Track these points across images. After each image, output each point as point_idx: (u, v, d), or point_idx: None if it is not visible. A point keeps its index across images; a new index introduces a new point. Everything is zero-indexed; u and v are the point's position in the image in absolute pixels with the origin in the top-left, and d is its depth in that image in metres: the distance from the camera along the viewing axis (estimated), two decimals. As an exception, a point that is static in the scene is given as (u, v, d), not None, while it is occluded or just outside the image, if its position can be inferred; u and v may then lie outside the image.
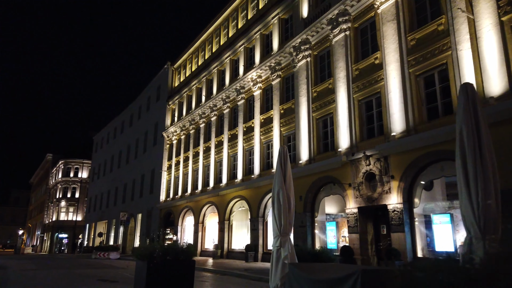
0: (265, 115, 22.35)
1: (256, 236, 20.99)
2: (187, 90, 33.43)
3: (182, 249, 8.49)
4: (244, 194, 22.80)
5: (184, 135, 33.06)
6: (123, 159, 47.81)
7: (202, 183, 28.60)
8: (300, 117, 18.87)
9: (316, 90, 18.34)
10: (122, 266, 19.69)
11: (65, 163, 70.28)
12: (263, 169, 21.85)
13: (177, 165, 33.54)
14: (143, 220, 38.18)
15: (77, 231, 65.06)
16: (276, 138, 20.83)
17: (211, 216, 27.62)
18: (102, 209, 51.53)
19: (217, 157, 27.14)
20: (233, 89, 25.61)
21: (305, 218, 17.50)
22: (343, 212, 17.28)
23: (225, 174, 25.51)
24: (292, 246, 7.83)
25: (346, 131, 15.90)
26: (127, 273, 14.84)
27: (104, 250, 28.90)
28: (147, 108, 43.12)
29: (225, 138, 26.28)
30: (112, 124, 54.96)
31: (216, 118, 28.18)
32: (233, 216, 24.45)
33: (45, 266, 19.60)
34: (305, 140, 18.32)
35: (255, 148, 22.55)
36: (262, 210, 21.18)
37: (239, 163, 24.00)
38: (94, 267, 18.49)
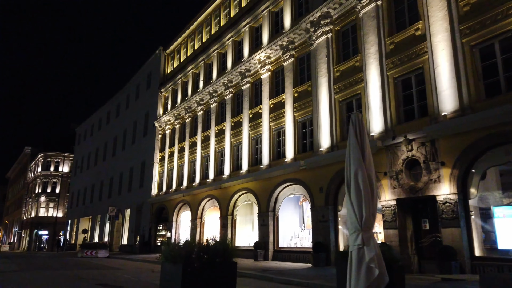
0: (275, 100, 20.32)
1: (265, 233, 19.00)
2: (182, 76, 31.07)
3: (224, 248, 6.45)
4: (251, 187, 20.76)
5: (179, 124, 30.72)
6: (109, 151, 45.03)
7: (200, 175, 26.40)
8: (319, 100, 16.93)
9: (339, 69, 16.42)
10: (116, 266, 17.43)
11: (45, 157, 66.71)
12: (273, 159, 19.84)
13: (170, 156, 31.20)
14: (132, 216, 35.70)
15: (58, 227, 61.82)
16: (289, 124, 18.85)
17: (210, 211, 25.47)
18: (86, 205, 48.63)
19: (218, 147, 24.98)
20: (237, 72, 23.47)
21: (327, 212, 15.61)
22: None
23: (227, 165, 23.39)
24: (377, 244, 5.87)
25: (378, 113, 14.03)
26: (128, 275, 12.65)
27: (92, 248, 26.41)
28: (136, 97, 40.48)
29: (227, 126, 24.14)
30: (96, 115, 51.96)
31: (216, 105, 25.99)
32: (237, 210, 22.38)
33: (28, 267, 17.14)
34: (326, 126, 16.40)
35: (264, 136, 20.51)
36: (273, 204, 19.19)
37: (245, 153, 21.93)
38: (85, 267, 16.18)
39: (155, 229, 31.39)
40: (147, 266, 17.67)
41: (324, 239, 15.38)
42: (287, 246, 18.68)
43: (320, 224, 15.75)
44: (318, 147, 16.58)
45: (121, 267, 16.98)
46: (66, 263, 19.49)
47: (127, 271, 14.47)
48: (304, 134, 18.29)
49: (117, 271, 14.50)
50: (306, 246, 17.60)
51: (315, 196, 16.37)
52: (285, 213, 19.31)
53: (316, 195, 16.31)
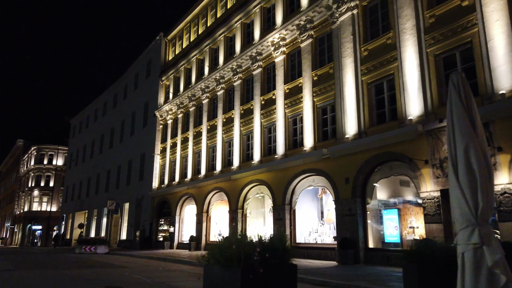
0: (290, 84, 18.82)
1: (282, 227, 17.55)
2: (185, 62, 29.41)
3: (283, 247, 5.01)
4: (264, 178, 19.29)
5: (182, 114, 29.12)
6: (106, 143, 43.29)
7: (206, 167, 24.87)
8: (344, 82, 15.47)
9: (366, 48, 14.95)
10: (120, 263, 15.90)
11: (38, 149, 64.73)
12: (288, 148, 18.38)
13: (173, 147, 29.61)
14: (131, 210, 34.12)
15: (52, 222, 60.03)
16: (307, 110, 17.37)
17: (217, 204, 24.00)
18: (82, 199, 46.91)
19: (226, 136, 23.45)
20: (247, 56, 21.91)
21: (354, 205, 14.19)
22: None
23: (237, 156, 21.89)
24: (499, 243, 4.44)
25: (416, 94, 12.61)
26: (137, 275, 11.17)
27: (91, 243, 24.82)
28: (135, 86, 38.74)
29: (236, 114, 22.61)
30: (92, 106, 50.08)
31: (223, 92, 24.42)
32: (247, 204, 20.93)
33: (25, 265, 15.58)
34: (352, 111, 14.95)
35: (278, 124, 19.03)
36: (289, 197, 17.75)
37: (256, 143, 20.44)
38: (87, 266, 14.64)
39: (156, 224, 29.87)
40: (154, 263, 16.18)
41: (351, 234, 13.98)
42: (306, 242, 17.28)
43: (346, 218, 14.34)
44: (343, 134, 15.14)
45: (125, 265, 15.47)
46: (65, 261, 17.93)
47: (135, 270, 12.98)
48: (325, 121, 16.84)
49: (124, 270, 13.00)
50: (328, 242, 16.23)
51: (339, 187, 14.95)
52: (302, 207, 17.89)
53: (341, 186, 14.90)
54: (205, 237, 23.83)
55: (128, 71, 40.66)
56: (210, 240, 23.76)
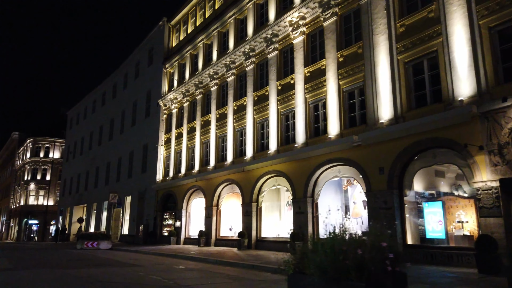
0: (311, 67, 17.38)
1: (303, 222, 16.22)
2: (191, 48, 27.84)
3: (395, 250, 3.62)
4: (282, 169, 17.90)
5: (188, 102, 27.60)
6: (105, 135, 41.69)
7: (215, 157, 23.43)
8: (376, 62, 14.05)
9: (403, 23, 13.51)
10: (129, 261, 14.47)
11: (34, 142, 62.95)
12: (310, 136, 16.99)
13: (178, 138, 28.12)
14: (133, 204, 32.67)
15: (49, 216, 58.44)
16: (331, 95, 15.95)
17: (228, 197, 22.60)
18: (80, 192, 45.37)
19: (237, 125, 22.00)
20: (261, 38, 20.41)
21: (390, 197, 12.84)
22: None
23: (250, 146, 20.47)
24: None
25: (467, 73, 11.22)
26: (154, 275, 9.76)
27: (93, 238, 23.36)
28: (136, 75, 37.10)
29: (248, 101, 21.14)
30: (90, 96, 48.36)
31: (234, 78, 22.92)
32: (262, 196, 19.55)
33: (24, 263, 14.13)
34: (386, 93, 13.55)
35: (298, 111, 17.60)
36: (311, 189, 16.38)
37: (272, 131, 19.01)
38: (94, 264, 13.20)
39: (161, 218, 28.46)
40: (166, 261, 14.77)
41: (388, 229, 12.61)
42: (330, 237, 15.94)
43: (381, 212, 13.00)
44: (376, 119, 13.75)
45: (136, 262, 14.05)
46: (68, 258, 16.48)
47: (149, 269, 11.58)
48: (352, 106, 15.43)
49: (137, 270, 11.59)
50: (356, 238, 14.89)
51: (372, 178, 13.58)
52: (325, 199, 16.54)
53: (373, 177, 13.53)
54: (215, 232, 22.45)
55: (128, 60, 38.97)
56: (221, 235, 22.41)
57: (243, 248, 18.81)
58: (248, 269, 11.91)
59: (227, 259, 14.20)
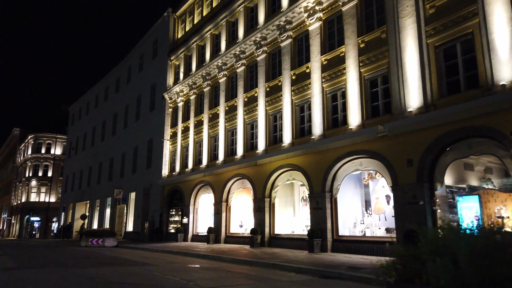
0: (329, 55, 16.47)
1: (321, 218, 15.34)
2: (198, 39, 26.91)
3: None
4: (297, 162, 17.02)
5: (195, 95, 26.69)
6: (108, 130, 40.84)
7: (224, 151, 22.55)
8: (403, 47, 13.12)
9: (433, 4, 12.55)
10: (138, 259, 13.60)
11: (35, 138, 62.16)
12: (327, 128, 16.09)
13: (185, 131, 27.24)
14: (138, 200, 31.85)
15: (50, 213, 57.74)
16: (352, 83, 15.04)
17: (239, 192, 21.76)
18: (82, 189, 44.59)
19: (248, 117, 21.11)
20: (273, 26, 19.48)
21: (420, 191, 11.95)
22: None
23: (262, 139, 19.58)
24: None
25: (509, 55, 10.30)
26: (170, 275, 8.88)
27: (98, 235, 22.53)
28: (140, 68, 36.19)
29: (259, 92, 20.24)
30: (92, 91, 47.49)
31: (244, 69, 22.00)
32: (276, 191, 18.67)
33: (28, 261, 13.29)
34: (414, 80, 12.63)
35: (314, 101, 16.70)
36: (329, 183, 15.50)
37: (286, 123, 18.12)
38: (102, 263, 12.35)
39: (167, 214, 27.64)
40: (178, 259, 13.90)
41: (418, 226, 11.74)
42: (350, 234, 15.08)
43: (410, 207, 12.11)
44: (403, 108, 12.84)
45: (146, 261, 13.19)
46: (74, 256, 15.62)
47: (162, 269, 10.72)
48: (375, 95, 14.52)
49: (150, 269, 10.73)
50: (379, 235, 14.04)
51: (399, 171, 12.69)
52: (344, 194, 15.66)
53: (400, 169, 12.64)
54: (225, 228, 21.60)
55: (131, 53, 38.05)
56: (231, 232, 21.57)
57: (256, 245, 17.96)
58: (269, 268, 11.05)
59: (243, 257, 13.34)
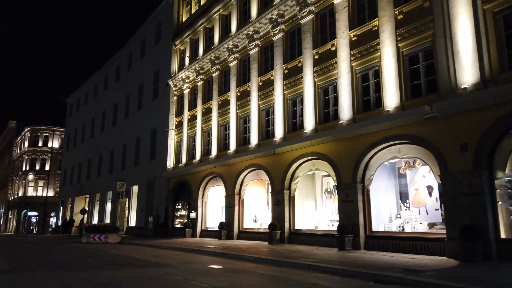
0: (358, 30, 14.75)
1: (352, 212, 13.72)
2: (205, 21, 25.12)
3: None
4: (322, 151, 15.36)
5: (202, 81, 24.94)
6: (108, 121, 39.06)
7: (236, 141, 20.88)
8: (452, 16, 11.41)
9: (491, -35, 10.89)
10: (149, 258, 11.96)
11: (32, 131, 60.28)
12: (358, 111, 14.41)
13: (191, 120, 25.53)
14: (140, 193, 30.21)
15: (48, 208, 56.07)
16: (388, 60, 13.35)
17: (252, 184, 20.13)
18: (81, 182, 42.89)
19: (263, 103, 19.41)
20: (292, 2, 17.72)
21: (478, 181, 10.29)
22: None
23: (279, 126, 17.91)
24: None
25: None
26: (196, 281, 7.25)
27: (100, 231, 20.88)
28: (142, 55, 34.35)
29: (276, 75, 18.53)
30: (91, 81, 45.62)
31: (258, 50, 20.26)
32: (296, 183, 17.03)
33: (24, 262, 11.65)
34: (467, 53, 10.93)
35: (341, 82, 15.00)
36: (361, 173, 13.86)
37: (308, 108, 16.44)
38: (110, 263, 10.69)
39: (172, 208, 26.02)
40: (194, 258, 12.25)
41: (475, 220, 10.15)
42: (386, 230, 13.47)
43: (464, 199, 10.48)
44: (453, 85, 11.17)
45: (159, 260, 11.55)
46: (76, 254, 13.95)
47: (181, 271, 9.08)
48: (415, 72, 12.84)
49: (167, 271, 9.08)
50: (421, 231, 12.43)
51: (449, 157, 11.06)
52: (377, 186, 14.03)
53: (451, 156, 11.01)
54: (238, 223, 19.99)
55: (132, 39, 36.16)
56: (244, 227, 19.96)
57: (275, 241, 16.37)
58: (304, 270, 9.43)
59: (268, 256, 11.73)
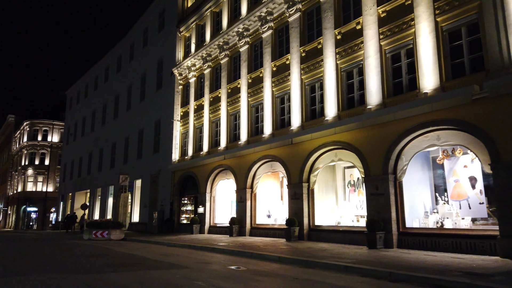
0: (388, 5, 13.33)
1: (383, 206, 12.38)
2: (212, 4, 23.67)
3: None
4: (347, 139, 14.00)
5: (210, 68, 23.54)
6: (109, 113, 37.67)
7: (248, 131, 19.51)
8: (504, -17, 10.04)
9: None
10: (157, 256, 10.65)
11: (31, 125, 58.88)
12: (388, 95, 13.03)
13: (198, 110, 24.15)
14: (144, 188, 28.91)
15: (48, 203, 54.77)
16: (424, 38, 11.94)
17: (265, 177, 18.79)
18: (82, 177, 41.58)
19: (277, 90, 18.04)
20: (311, -21, 16.33)
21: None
22: None
23: (296, 113, 16.54)
24: None
25: None
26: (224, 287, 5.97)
27: (103, 227, 19.56)
28: (144, 44, 32.90)
29: (292, 59, 17.13)
30: (91, 73, 44.18)
31: (271, 33, 18.85)
32: (315, 175, 15.69)
33: (18, 263, 10.32)
34: (523, 24, 9.58)
35: (368, 64, 13.61)
36: (393, 163, 12.52)
37: (329, 93, 15.06)
38: (116, 263, 9.35)
39: (178, 203, 24.71)
40: (208, 257, 10.93)
41: (536, 215, 8.83)
42: (421, 226, 12.13)
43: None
44: (506, 61, 9.79)
45: (172, 260, 10.22)
46: (78, 253, 12.61)
47: (203, 275, 7.77)
48: (456, 50, 11.46)
49: (186, 274, 7.76)
50: (463, 227, 11.10)
51: (501, 144, 9.71)
52: (410, 177, 12.67)
53: (505, 142, 9.65)
54: (250, 219, 18.68)
55: (134, 27, 34.69)
56: (257, 223, 18.65)
57: (293, 239, 15.06)
58: (346, 273, 8.11)
59: (294, 256, 10.43)
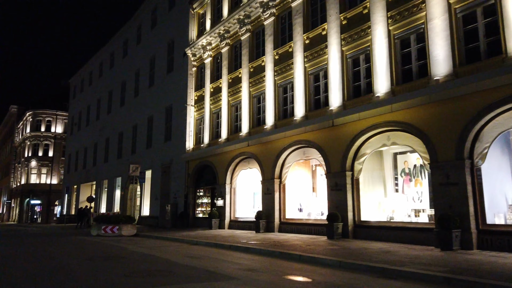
0: (459, -44, 10.99)
1: (457, 198, 10.12)
2: (231, -25, 21.32)
3: None
4: (404, 119, 11.70)
5: (228, 46, 21.22)
6: (116, 101, 35.51)
7: (275, 114, 17.25)
8: None
9: None
10: (186, 260, 8.46)
11: (34, 115, 56.90)
12: (460, 64, 10.72)
13: (215, 93, 21.89)
14: (154, 179, 26.82)
15: (52, 196, 52.97)
16: (512, -11, 9.61)
17: (296, 166, 16.57)
18: (87, 168, 39.60)
19: (311, 65, 15.72)
20: None
21: None
22: None
23: (336, 92, 14.25)
24: None
25: None
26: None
27: (113, 222, 17.43)
28: (153, 25, 30.59)
29: (330, 28, 14.79)
30: (96, 59, 41.95)
31: (303, 1, 16.51)
32: (361, 163, 13.43)
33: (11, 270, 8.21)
34: None
35: (432, 27, 11.29)
36: (469, 145, 10.24)
37: (379, 65, 12.75)
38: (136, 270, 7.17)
39: (193, 195, 22.58)
40: (249, 261, 8.75)
41: None
42: (505, 223, 9.89)
43: None
44: None
45: (205, 264, 8.03)
46: (87, 254, 10.43)
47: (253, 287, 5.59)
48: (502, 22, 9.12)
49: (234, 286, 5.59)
50: None
51: None
52: (490, 164, 10.39)
53: None
54: (279, 213, 16.50)
55: (141, 8, 32.34)
56: (287, 218, 16.47)
57: (336, 236, 12.86)
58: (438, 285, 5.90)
59: (358, 261, 8.22)
